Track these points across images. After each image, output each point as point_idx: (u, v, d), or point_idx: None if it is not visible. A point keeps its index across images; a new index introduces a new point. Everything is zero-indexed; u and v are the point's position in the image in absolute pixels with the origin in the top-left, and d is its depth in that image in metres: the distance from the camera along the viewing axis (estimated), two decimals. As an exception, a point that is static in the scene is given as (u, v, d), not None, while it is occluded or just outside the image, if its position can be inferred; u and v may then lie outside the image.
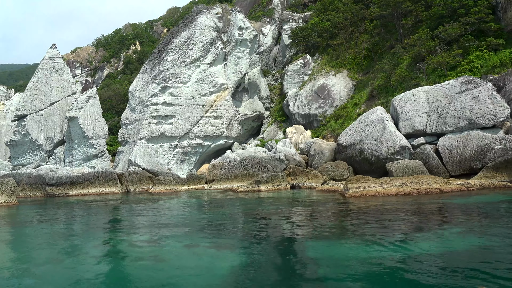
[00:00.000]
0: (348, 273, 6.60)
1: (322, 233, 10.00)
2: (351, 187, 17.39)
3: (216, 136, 41.12)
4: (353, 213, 13.16)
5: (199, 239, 10.04)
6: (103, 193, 31.14)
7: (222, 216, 14.30)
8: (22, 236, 12.70)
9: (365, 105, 39.23)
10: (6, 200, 22.93)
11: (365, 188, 17.11)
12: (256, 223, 12.35)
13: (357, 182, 17.71)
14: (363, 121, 28.95)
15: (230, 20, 44.27)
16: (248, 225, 11.89)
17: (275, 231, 10.82)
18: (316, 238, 9.40)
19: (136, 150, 36.67)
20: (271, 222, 12.52)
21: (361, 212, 13.16)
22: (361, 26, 46.39)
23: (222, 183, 30.75)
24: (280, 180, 25.86)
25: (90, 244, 10.34)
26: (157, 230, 12.08)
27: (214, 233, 10.90)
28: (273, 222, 12.29)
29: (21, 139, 40.79)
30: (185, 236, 10.46)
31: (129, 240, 10.53)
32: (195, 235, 10.56)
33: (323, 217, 12.54)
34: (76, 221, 15.69)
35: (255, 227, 11.48)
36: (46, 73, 42.38)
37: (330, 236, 9.62)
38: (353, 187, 17.30)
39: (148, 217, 15.53)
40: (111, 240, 10.87)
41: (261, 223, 12.21)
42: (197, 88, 40.77)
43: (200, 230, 11.42)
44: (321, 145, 31.28)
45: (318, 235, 9.77)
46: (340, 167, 26.64)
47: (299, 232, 10.30)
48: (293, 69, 45.39)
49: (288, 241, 9.24)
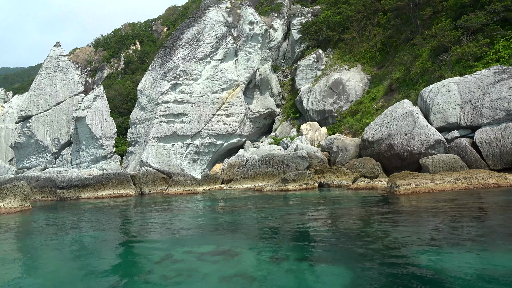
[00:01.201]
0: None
1: (416, 240, 8.62)
2: (400, 183, 16.05)
3: (228, 135, 39.71)
4: (423, 213, 11.79)
5: (281, 249, 8.60)
6: (116, 195, 29.66)
7: (282, 220, 12.76)
8: (43, 248, 11.26)
9: (383, 100, 37.95)
10: (19, 205, 21.42)
11: (416, 185, 15.78)
12: (328, 228, 10.91)
13: (406, 179, 16.37)
14: (389, 115, 27.62)
15: (240, 15, 42.84)
16: (322, 233, 10.40)
17: (362, 237, 9.41)
18: (416, 246, 8.02)
19: (148, 150, 35.20)
20: (344, 225, 11.09)
21: (431, 212, 11.80)
22: (374, 19, 45.09)
23: (242, 183, 29.34)
24: (308, 178, 24.49)
25: (125, 264, 8.91)
26: (215, 238, 10.63)
27: (291, 241, 9.45)
28: (349, 226, 10.82)
29: (26, 141, 39.19)
30: (264, 247, 8.98)
31: (189, 259, 8.94)
32: (272, 245, 9.02)
33: (397, 220, 11.13)
34: (102, 230, 14.23)
35: (331, 234, 10.05)
36: (50, 72, 40.79)
37: (428, 243, 8.24)
38: (403, 184, 15.96)
39: (190, 224, 14.07)
40: (153, 260, 9.40)
41: (333, 228, 10.79)
42: (208, 85, 39.34)
43: (272, 238, 9.95)
44: (344, 141, 29.94)
45: (413, 242, 8.39)
46: (369, 164, 25.30)
47: (390, 240, 8.90)
48: (306, 64, 44.02)
49: (388, 251, 7.85)
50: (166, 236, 11.11)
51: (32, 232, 14.43)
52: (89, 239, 11.77)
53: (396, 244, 8.22)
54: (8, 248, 11.51)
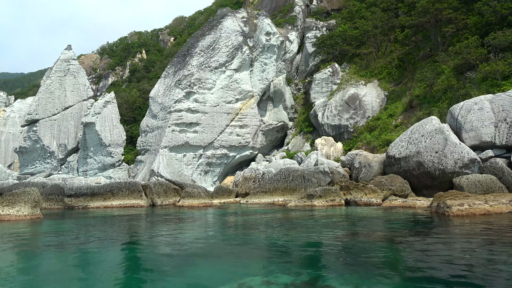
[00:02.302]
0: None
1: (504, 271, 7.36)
2: (452, 204, 14.82)
3: (241, 147, 38.49)
4: (495, 237, 10.55)
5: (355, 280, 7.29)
6: (127, 205, 28.22)
7: (332, 241, 11.47)
8: (54, 264, 9.93)
9: (402, 116, 36.98)
10: (29, 213, 19.99)
11: (470, 206, 14.57)
12: (408, 256, 9.61)
13: (457, 199, 15.16)
14: (416, 131, 26.54)
15: (256, 25, 42.07)
16: (404, 263, 9.10)
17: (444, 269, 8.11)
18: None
19: (159, 160, 33.89)
20: (428, 254, 9.79)
21: (505, 237, 10.56)
22: (391, 35, 44.44)
23: (260, 197, 28.01)
24: (334, 194, 23.23)
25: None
26: (282, 265, 9.29)
27: (372, 273, 8.15)
28: (421, 257, 9.51)
29: (31, 146, 37.78)
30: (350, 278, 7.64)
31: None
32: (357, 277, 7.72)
33: (470, 248, 9.86)
34: (124, 248, 12.89)
35: (415, 263, 8.76)
36: (60, 76, 39.63)
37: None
38: (455, 204, 14.73)
39: (234, 244, 12.72)
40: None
41: (415, 257, 9.48)
42: (222, 95, 38.28)
43: (345, 267, 8.67)
44: (367, 158, 28.77)
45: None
46: (397, 181, 24.09)
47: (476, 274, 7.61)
48: (321, 77, 43.13)
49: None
50: (215, 263, 9.77)
51: (43, 244, 13.06)
52: (110, 258, 10.42)
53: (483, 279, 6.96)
54: (16, 260, 10.21)
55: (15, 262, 10.36)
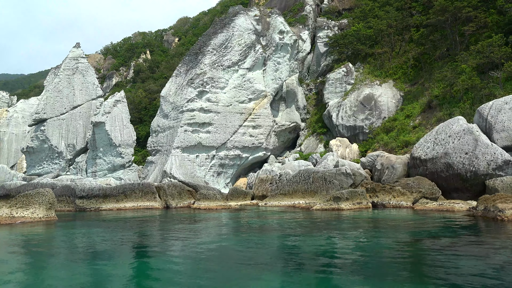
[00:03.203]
0: None
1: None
2: (504, 207, 13.83)
3: (254, 147, 37.49)
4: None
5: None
6: (141, 207, 27.20)
7: (398, 253, 10.35)
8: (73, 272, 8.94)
9: (420, 117, 36.03)
10: (44, 215, 18.96)
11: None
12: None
13: (508, 202, 14.14)
14: (443, 132, 25.55)
15: (269, 23, 41.14)
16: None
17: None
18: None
19: (172, 161, 32.88)
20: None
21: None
22: (406, 34, 43.54)
23: (279, 200, 26.98)
24: (360, 197, 22.23)
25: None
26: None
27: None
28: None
29: (39, 146, 36.72)
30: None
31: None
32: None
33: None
34: (150, 256, 11.89)
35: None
36: (68, 74, 38.61)
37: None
38: (508, 208, 13.73)
39: (279, 253, 11.69)
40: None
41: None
42: (235, 94, 37.30)
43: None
44: (389, 159, 27.78)
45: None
46: (425, 184, 23.10)
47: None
48: (335, 77, 42.17)
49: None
50: (266, 274, 8.75)
51: (57, 251, 12.05)
52: (126, 271, 9.41)
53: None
54: (27, 269, 9.22)
55: (27, 270, 9.39)
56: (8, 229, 16.74)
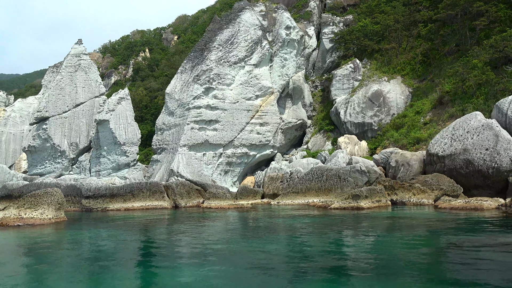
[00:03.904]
0: None
1: None
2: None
3: (262, 145, 36.71)
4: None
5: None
6: (150, 207, 26.37)
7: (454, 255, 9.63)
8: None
9: (431, 113, 35.39)
10: (54, 216, 18.11)
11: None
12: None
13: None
14: (460, 127, 24.89)
15: (275, 19, 40.35)
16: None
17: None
18: None
19: (178, 159, 32.06)
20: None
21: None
22: (413, 30, 42.87)
23: (292, 198, 26.24)
24: (379, 195, 21.53)
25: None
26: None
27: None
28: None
29: (41, 145, 35.75)
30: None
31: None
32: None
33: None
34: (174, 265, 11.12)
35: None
36: (71, 71, 37.65)
37: None
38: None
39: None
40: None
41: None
42: (241, 91, 36.50)
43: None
44: (404, 156, 27.10)
45: None
46: (444, 181, 22.43)
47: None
48: (342, 73, 41.47)
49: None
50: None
51: (72, 255, 11.24)
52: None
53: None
54: (42, 275, 8.45)
55: (36, 279, 8.62)
56: (16, 231, 15.91)
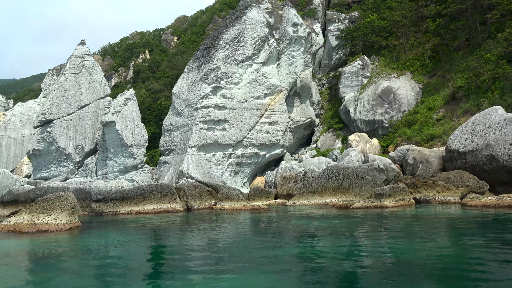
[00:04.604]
0: None
1: None
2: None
3: (271, 145, 35.98)
4: None
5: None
6: (162, 210, 25.56)
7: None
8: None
9: (444, 109, 34.72)
10: (68, 221, 17.30)
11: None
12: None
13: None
14: (481, 122, 24.22)
15: (281, 16, 39.64)
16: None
17: None
18: None
19: (188, 160, 31.28)
20: None
21: None
22: (422, 25, 42.22)
23: (308, 198, 25.49)
24: (402, 193, 20.81)
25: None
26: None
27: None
28: None
29: (46, 148, 34.88)
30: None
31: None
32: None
33: None
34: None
35: None
36: (74, 73, 36.80)
37: None
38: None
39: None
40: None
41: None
42: (250, 90, 35.77)
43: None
44: (422, 153, 26.41)
45: None
46: (467, 177, 21.72)
47: None
48: (351, 70, 40.76)
49: None
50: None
51: (95, 265, 10.48)
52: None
53: None
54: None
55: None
56: (30, 238, 15.10)
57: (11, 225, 16.37)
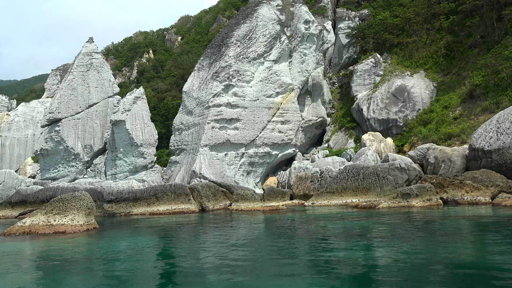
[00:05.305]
0: None
1: None
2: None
3: (284, 144, 35.23)
4: None
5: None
6: (176, 211, 24.78)
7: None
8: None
9: (461, 108, 33.96)
10: (85, 222, 16.54)
11: None
12: None
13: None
14: (506, 120, 23.47)
15: (293, 13, 38.91)
16: None
17: None
18: None
19: (200, 160, 30.53)
20: None
21: None
22: (435, 22, 41.48)
23: (328, 199, 24.73)
24: (429, 193, 20.05)
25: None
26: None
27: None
28: None
29: (54, 148, 34.11)
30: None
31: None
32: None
33: None
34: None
35: None
36: (82, 71, 36.05)
37: None
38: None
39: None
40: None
41: None
42: (262, 88, 35.03)
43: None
44: (444, 151, 25.63)
45: None
46: (495, 177, 20.95)
47: None
48: (363, 68, 40.01)
49: None
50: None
51: (122, 269, 9.70)
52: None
53: None
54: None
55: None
56: (46, 240, 14.32)
57: (27, 227, 15.61)
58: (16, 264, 10.53)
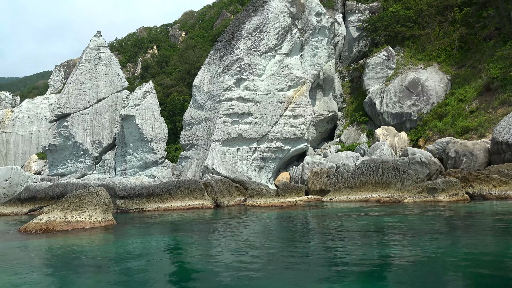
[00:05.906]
0: None
1: None
2: None
3: (296, 139, 34.57)
4: None
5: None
6: (191, 207, 24.21)
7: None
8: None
9: (477, 101, 33.23)
10: (103, 218, 15.95)
11: None
12: None
13: None
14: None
15: (304, 5, 38.12)
16: None
17: None
18: None
19: (212, 155, 29.91)
20: None
21: None
22: (448, 14, 40.69)
23: (346, 194, 24.12)
24: (455, 188, 19.40)
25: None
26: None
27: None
28: None
29: (62, 143, 33.52)
30: None
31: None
32: None
33: None
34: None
35: None
36: (90, 65, 35.39)
37: None
38: None
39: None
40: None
41: None
42: (273, 82, 34.33)
43: None
44: (465, 145, 24.95)
45: None
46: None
47: None
48: (376, 62, 39.29)
49: None
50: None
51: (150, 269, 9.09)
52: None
53: None
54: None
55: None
56: (63, 237, 13.72)
57: (43, 223, 15.02)
58: (47, 263, 9.94)
